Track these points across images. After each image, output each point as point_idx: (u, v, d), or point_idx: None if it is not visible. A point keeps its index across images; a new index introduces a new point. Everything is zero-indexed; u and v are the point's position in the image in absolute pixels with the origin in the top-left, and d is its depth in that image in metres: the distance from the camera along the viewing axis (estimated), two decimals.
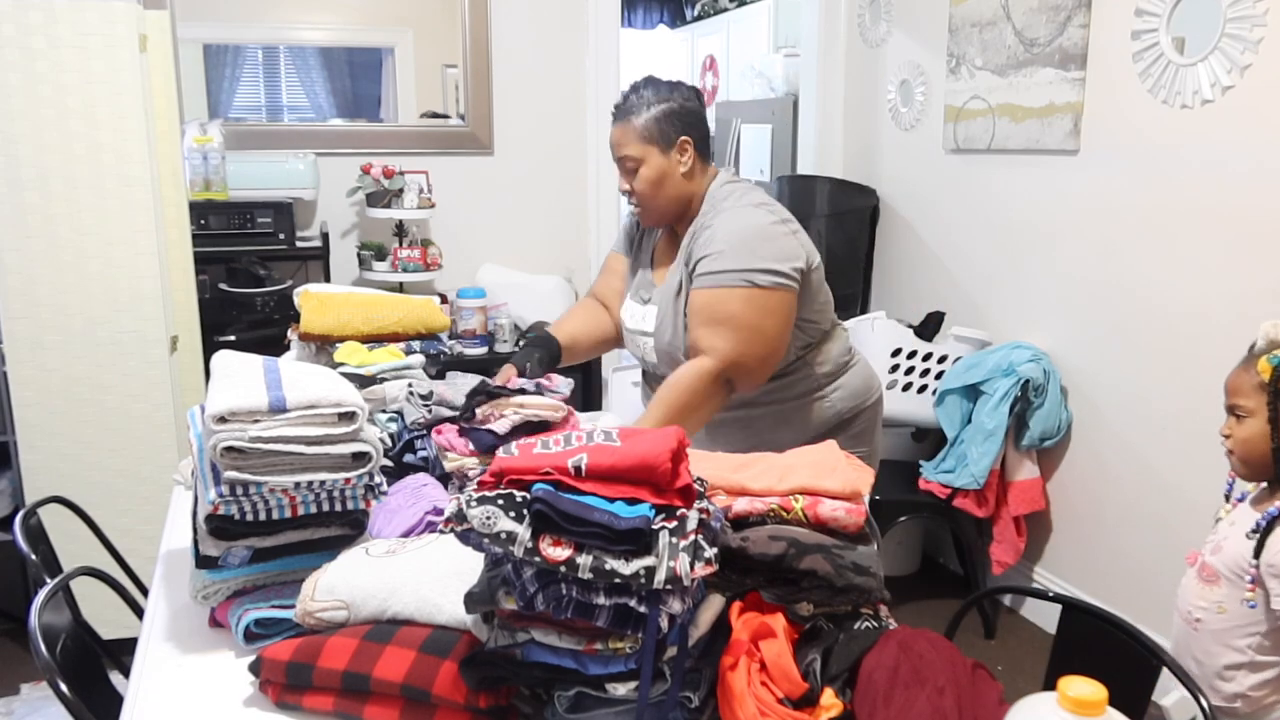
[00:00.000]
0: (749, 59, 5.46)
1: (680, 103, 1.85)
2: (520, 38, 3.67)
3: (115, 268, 2.54)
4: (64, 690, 1.24)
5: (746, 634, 1.05)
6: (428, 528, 1.46)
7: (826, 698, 1.02)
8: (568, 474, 1.01)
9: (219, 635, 1.31)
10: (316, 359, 2.00)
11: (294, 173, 3.29)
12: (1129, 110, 2.58)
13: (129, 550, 1.99)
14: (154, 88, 2.61)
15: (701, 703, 1.04)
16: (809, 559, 1.09)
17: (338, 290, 2.14)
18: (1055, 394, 2.80)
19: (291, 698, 1.14)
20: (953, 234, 3.30)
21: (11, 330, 2.52)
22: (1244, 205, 2.29)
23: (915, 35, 3.43)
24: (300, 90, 3.69)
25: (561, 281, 3.70)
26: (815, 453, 1.22)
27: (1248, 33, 2.22)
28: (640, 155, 1.84)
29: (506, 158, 3.74)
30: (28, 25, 2.40)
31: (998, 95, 3.01)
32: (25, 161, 2.45)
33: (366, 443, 1.28)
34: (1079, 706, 0.79)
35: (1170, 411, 2.52)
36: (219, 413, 1.21)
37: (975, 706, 0.97)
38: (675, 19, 7.41)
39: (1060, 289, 2.86)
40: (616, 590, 0.97)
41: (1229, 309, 2.34)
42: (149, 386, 2.62)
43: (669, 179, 1.86)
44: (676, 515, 1.00)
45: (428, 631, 1.13)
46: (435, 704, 1.08)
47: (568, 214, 3.85)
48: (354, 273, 3.56)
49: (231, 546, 1.27)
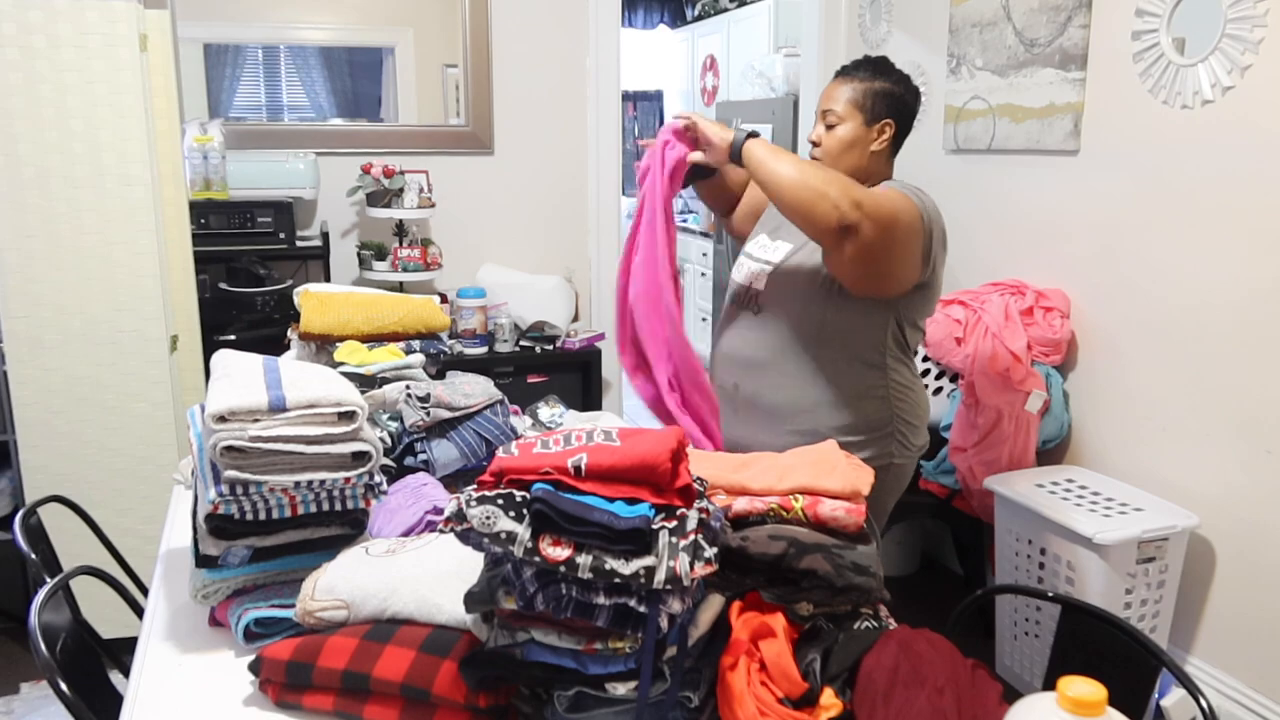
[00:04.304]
0: (749, 59, 5.46)
1: (901, 91, 1.90)
2: (520, 38, 3.67)
3: (115, 267, 2.55)
4: (64, 689, 1.24)
5: (746, 634, 1.05)
6: (428, 527, 1.46)
7: (826, 697, 1.02)
8: (567, 474, 1.01)
9: (219, 634, 1.31)
10: (316, 358, 2.00)
11: (294, 172, 3.29)
12: (1129, 111, 2.58)
13: (129, 550, 1.99)
14: (154, 87, 2.61)
15: (701, 702, 1.04)
16: (809, 559, 1.09)
17: (338, 290, 2.14)
18: (1057, 397, 2.80)
19: (291, 697, 1.14)
20: (953, 234, 3.29)
21: (11, 330, 2.52)
22: (1244, 205, 2.29)
23: (915, 35, 3.43)
24: (300, 90, 3.69)
25: (561, 281, 3.71)
26: (815, 452, 1.22)
27: (1248, 33, 2.22)
28: (843, 115, 1.89)
29: (506, 158, 3.74)
30: (28, 24, 2.40)
31: (998, 95, 3.01)
32: (25, 161, 2.45)
33: (366, 442, 1.28)
34: (1079, 706, 0.79)
35: (1170, 411, 2.52)
36: (219, 412, 1.21)
37: (975, 706, 0.97)
38: (675, 19, 7.41)
39: (1060, 289, 2.85)
40: (616, 590, 0.97)
41: (1229, 309, 2.34)
42: (149, 386, 2.62)
43: (857, 148, 1.89)
44: (676, 515, 1.00)
45: (428, 631, 1.13)
46: (435, 703, 1.08)
47: (568, 214, 3.85)
48: (354, 272, 3.57)
49: (231, 546, 1.27)
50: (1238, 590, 2.40)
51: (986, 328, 2.82)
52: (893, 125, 1.90)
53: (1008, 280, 2.95)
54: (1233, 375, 2.35)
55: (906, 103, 1.91)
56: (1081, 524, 2.34)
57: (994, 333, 2.80)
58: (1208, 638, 2.48)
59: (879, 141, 1.90)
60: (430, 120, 3.72)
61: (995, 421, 2.75)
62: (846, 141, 1.89)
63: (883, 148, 1.91)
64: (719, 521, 1.07)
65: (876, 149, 1.90)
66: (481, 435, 1.70)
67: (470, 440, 1.69)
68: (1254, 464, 2.32)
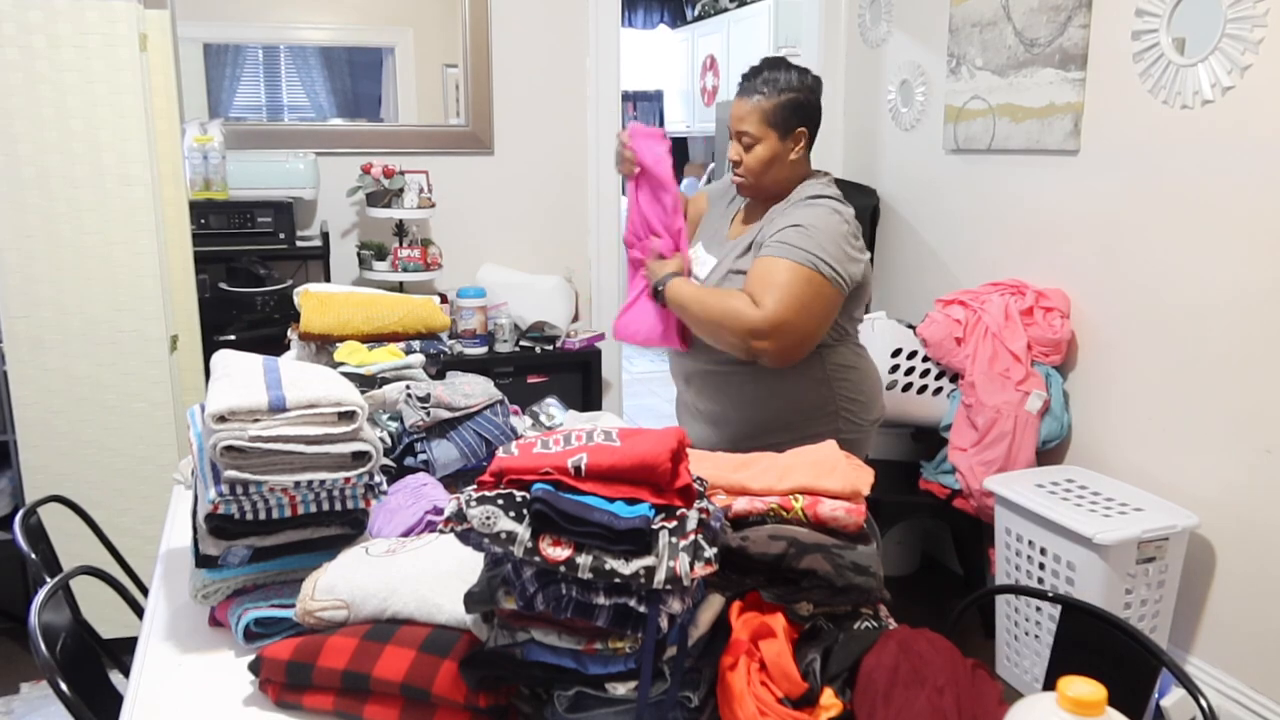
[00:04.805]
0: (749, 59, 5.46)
1: (807, 95, 1.96)
2: (520, 38, 3.67)
3: (115, 267, 2.55)
4: (64, 689, 1.24)
5: (746, 634, 1.05)
6: (428, 527, 1.46)
7: (826, 697, 1.02)
8: (567, 474, 1.01)
9: (219, 634, 1.31)
10: (316, 358, 2.00)
11: (294, 172, 3.29)
12: (1129, 110, 2.58)
13: (129, 550, 1.99)
14: (154, 87, 2.61)
15: (701, 702, 1.04)
16: (809, 559, 1.09)
17: (338, 290, 2.14)
18: (1057, 397, 2.80)
19: (291, 697, 1.14)
20: (953, 234, 3.31)
21: (11, 330, 2.52)
22: (1244, 205, 2.29)
23: (916, 35, 3.43)
24: (300, 90, 3.69)
25: (561, 281, 3.70)
26: (815, 452, 1.22)
27: (1248, 33, 2.22)
28: (759, 135, 1.95)
29: (506, 158, 3.74)
30: (28, 24, 2.40)
31: (998, 95, 3.01)
32: (25, 161, 2.45)
33: (366, 442, 1.28)
34: (1079, 706, 0.79)
35: (1170, 411, 2.52)
36: (219, 412, 1.21)
37: (975, 706, 0.97)
38: (675, 19, 7.42)
39: (1060, 289, 2.85)
40: (616, 590, 0.97)
41: (1229, 309, 2.34)
42: (149, 386, 2.62)
43: (778, 163, 1.97)
44: (676, 515, 1.00)
45: (427, 631, 1.13)
46: (435, 703, 1.08)
47: (568, 214, 3.85)
48: (354, 272, 3.56)
49: (231, 546, 1.27)
50: (1238, 590, 2.40)
51: (986, 328, 2.82)
52: (805, 131, 1.97)
53: (1008, 280, 2.95)
54: (1233, 375, 2.35)
55: (813, 104, 1.97)
56: (1081, 524, 2.34)
57: (994, 333, 2.80)
58: (1208, 638, 2.48)
59: (796, 150, 1.97)
60: (430, 120, 3.72)
61: (995, 421, 2.76)
62: (766, 160, 1.96)
63: (801, 154, 1.98)
64: (719, 521, 1.07)
65: (795, 157, 1.98)
66: (481, 435, 1.70)
67: (470, 440, 1.69)
68: (1254, 464, 2.32)
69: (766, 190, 2.00)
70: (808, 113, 1.96)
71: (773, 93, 1.93)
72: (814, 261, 1.82)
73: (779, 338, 1.83)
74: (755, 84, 1.95)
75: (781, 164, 1.97)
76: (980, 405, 2.78)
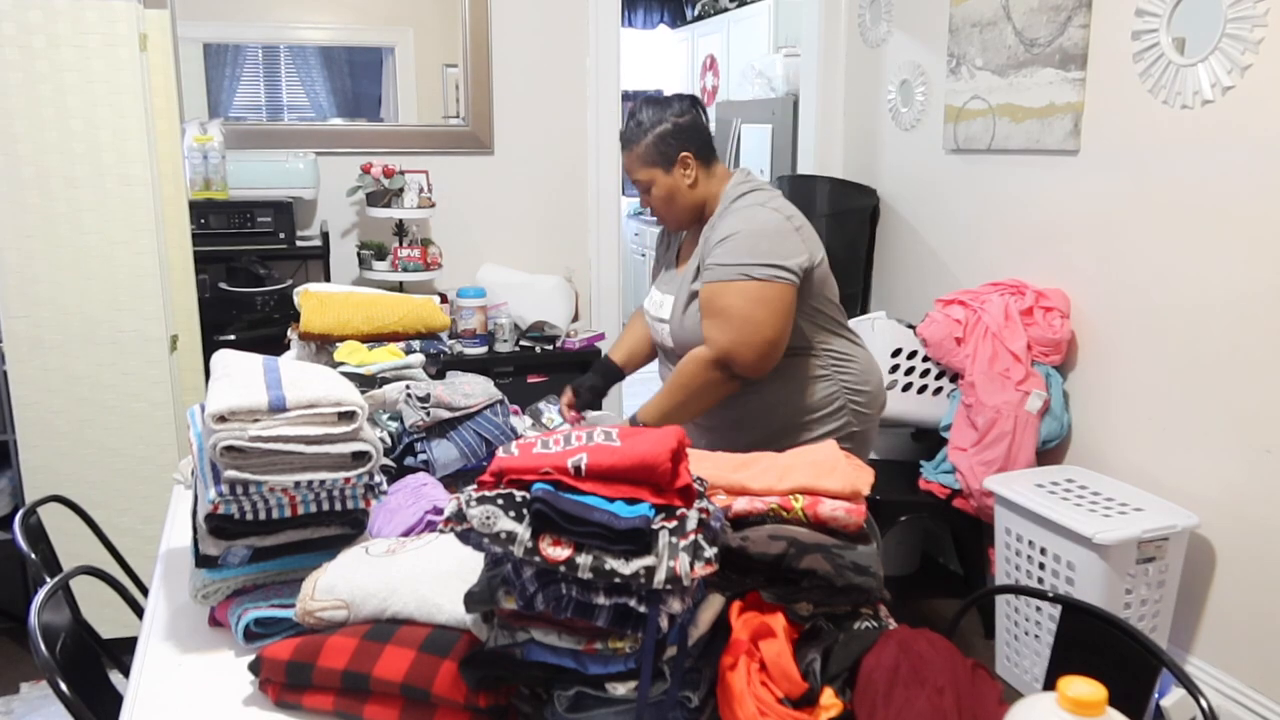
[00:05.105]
0: (749, 59, 5.47)
1: (674, 121, 1.96)
2: (520, 38, 3.67)
3: (115, 267, 2.55)
4: (63, 689, 1.24)
5: (746, 634, 1.05)
6: (428, 527, 1.46)
7: (826, 697, 1.02)
8: (567, 474, 1.01)
9: (219, 634, 1.31)
10: (316, 358, 2.00)
11: (294, 172, 3.29)
12: (1129, 110, 2.58)
13: (129, 550, 1.99)
14: (154, 87, 2.61)
15: (701, 702, 1.04)
16: (809, 558, 1.09)
17: (338, 290, 2.14)
18: (1057, 397, 2.80)
19: (291, 697, 1.14)
20: (953, 234, 3.30)
21: (11, 330, 2.52)
22: (1244, 205, 2.29)
23: (915, 35, 3.43)
24: (300, 90, 3.69)
25: (561, 281, 3.70)
26: (815, 452, 1.22)
27: (1248, 33, 2.22)
28: (648, 178, 1.98)
29: (506, 158, 3.74)
30: (28, 24, 2.40)
31: (998, 95, 3.01)
32: (25, 161, 2.45)
33: (366, 442, 1.28)
34: (1079, 706, 0.79)
35: (1170, 411, 2.52)
36: (219, 412, 1.21)
37: (975, 706, 0.97)
38: (675, 19, 7.41)
39: (1060, 289, 2.85)
40: (616, 590, 0.97)
41: (1229, 309, 2.34)
42: (149, 386, 2.62)
43: (678, 193, 1.99)
44: (676, 515, 1.00)
45: (427, 631, 1.13)
46: (435, 703, 1.08)
47: (568, 214, 3.85)
48: (354, 272, 3.57)
49: (231, 546, 1.27)
50: (1238, 590, 2.40)
51: (986, 328, 2.82)
52: (689, 151, 1.96)
53: (1007, 280, 2.95)
54: (1232, 374, 2.35)
55: (685, 124, 1.96)
56: (1081, 524, 2.34)
57: (994, 333, 2.80)
58: (1208, 638, 2.48)
59: (688, 174, 1.98)
60: (430, 120, 3.72)
61: (995, 421, 2.76)
62: (665, 197, 1.99)
63: (694, 175, 1.98)
64: (719, 521, 1.07)
65: (690, 181, 1.98)
66: (481, 435, 1.70)
67: (470, 440, 1.69)
68: (1253, 463, 2.32)
69: (685, 219, 2.03)
70: (684, 136, 1.96)
71: (640, 136, 1.96)
72: (742, 272, 1.85)
73: (740, 356, 1.87)
74: (627, 136, 1.99)
75: (682, 193, 1.99)
76: (980, 405, 2.78)
